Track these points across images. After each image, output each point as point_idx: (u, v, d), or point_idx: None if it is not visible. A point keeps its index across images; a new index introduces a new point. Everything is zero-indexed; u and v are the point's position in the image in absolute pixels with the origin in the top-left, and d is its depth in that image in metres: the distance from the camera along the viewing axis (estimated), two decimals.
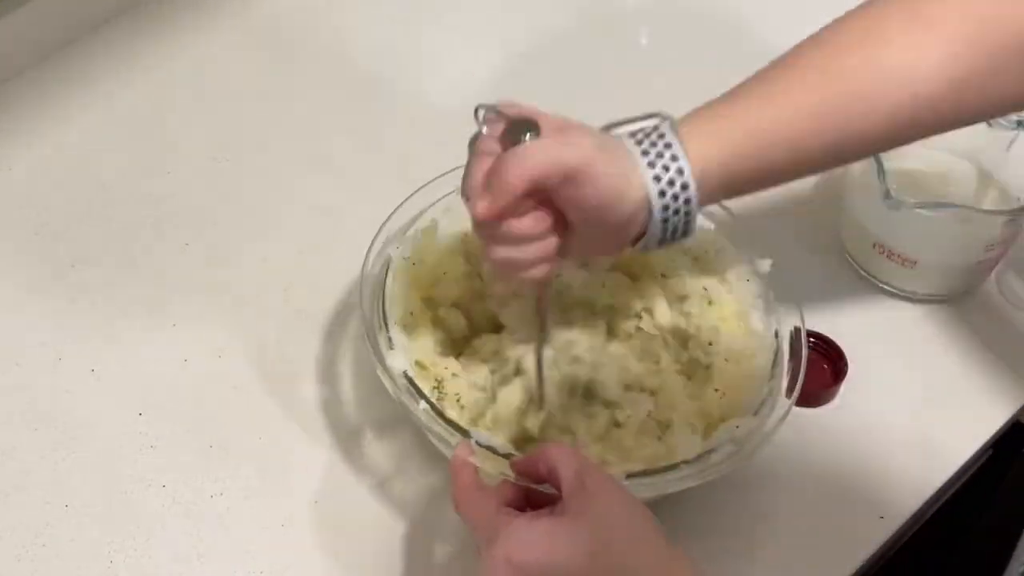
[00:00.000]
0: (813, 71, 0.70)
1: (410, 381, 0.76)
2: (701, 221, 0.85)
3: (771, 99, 0.70)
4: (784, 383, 0.79)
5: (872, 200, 0.88)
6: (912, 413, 0.88)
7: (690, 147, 0.68)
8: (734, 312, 0.82)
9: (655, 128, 0.68)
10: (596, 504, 0.64)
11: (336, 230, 0.95)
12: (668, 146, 0.68)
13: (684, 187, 0.68)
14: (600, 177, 0.66)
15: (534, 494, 0.69)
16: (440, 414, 0.74)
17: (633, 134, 0.69)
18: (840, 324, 0.90)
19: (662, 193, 0.68)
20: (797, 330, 0.81)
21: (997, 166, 0.94)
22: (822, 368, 0.88)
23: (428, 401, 0.75)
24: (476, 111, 0.68)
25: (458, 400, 0.77)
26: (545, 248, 0.69)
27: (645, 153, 0.68)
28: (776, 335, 0.81)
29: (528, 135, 0.66)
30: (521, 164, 0.65)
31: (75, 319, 0.89)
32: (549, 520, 0.64)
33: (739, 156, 0.69)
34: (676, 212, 0.69)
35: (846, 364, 0.88)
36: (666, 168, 0.67)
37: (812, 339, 0.89)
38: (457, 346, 0.82)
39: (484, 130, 0.68)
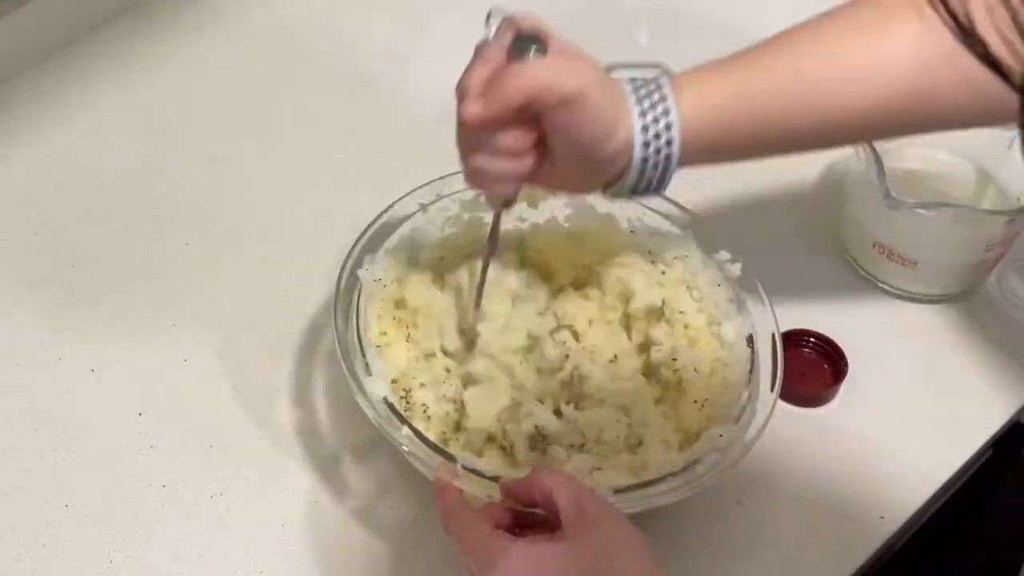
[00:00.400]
0: (816, 44, 0.70)
1: (391, 407, 0.74)
2: (668, 227, 0.85)
3: (768, 66, 0.70)
4: (765, 386, 0.78)
5: (872, 200, 0.88)
6: (912, 413, 0.88)
7: (683, 104, 0.68)
8: (704, 326, 0.81)
9: (655, 79, 0.69)
10: (597, 532, 0.63)
11: (336, 230, 0.95)
12: (663, 99, 0.68)
13: (669, 143, 0.68)
14: (593, 110, 0.66)
15: (523, 515, 0.68)
16: (424, 440, 0.73)
17: (633, 80, 0.69)
18: (840, 324, 0.90)
19: (646, 144, 0.68)
20: (773, 333, 0.80)
21: (997, 166, 0.94)
22: (822, 368, 0.88)
23: (411, 427, 0.73)
24: (488, 16, 0.69)
25: (425, 411, 0.77)
26: (520, 167, 0.69)
27: (639, 100, 0.68)
28: (751, 340, 0.80)
29: (534, 50, 0.66)
30: (522, 78, 0.65)
31: (75, 319, 0.89)
32: (549, 546, 0.63)
33: (730, 121, 0.69)
34: (655, 165, 0.69)
35: (846, 364, 0.88)
36: (656, 120, 0.68)
37: (812, 339, 0.89)
38: (429, 361, 0.81)
39: (492, 37, 0.68)
